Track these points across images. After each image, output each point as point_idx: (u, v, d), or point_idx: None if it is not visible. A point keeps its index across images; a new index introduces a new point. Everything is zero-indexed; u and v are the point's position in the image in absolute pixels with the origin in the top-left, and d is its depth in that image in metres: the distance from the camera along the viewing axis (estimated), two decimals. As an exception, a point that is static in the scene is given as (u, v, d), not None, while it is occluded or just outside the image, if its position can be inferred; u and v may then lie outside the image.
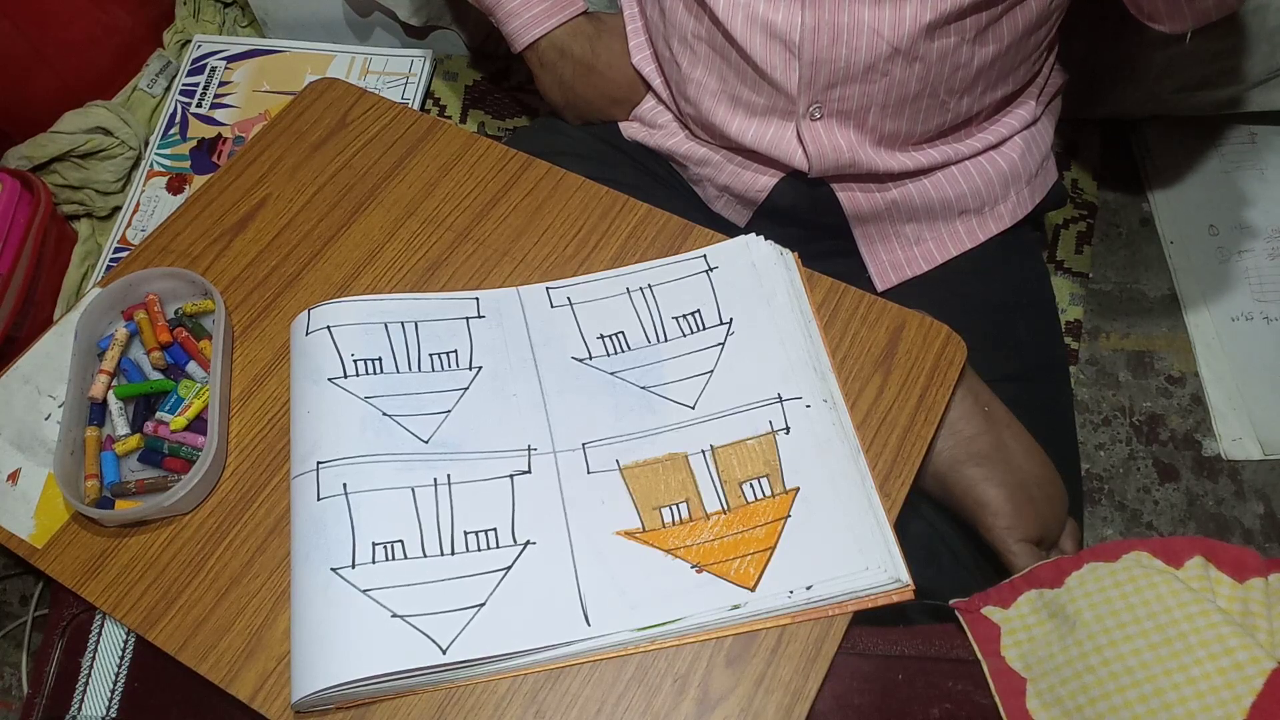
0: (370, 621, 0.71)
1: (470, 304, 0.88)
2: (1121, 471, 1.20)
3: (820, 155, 0.95)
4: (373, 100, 1.04)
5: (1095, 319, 1.30)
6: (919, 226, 1.00)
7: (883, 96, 0.91)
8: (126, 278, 0.89)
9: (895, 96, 0.91)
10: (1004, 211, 1.01)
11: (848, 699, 0.74)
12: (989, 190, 1.00)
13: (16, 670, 0.92)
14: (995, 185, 1.00)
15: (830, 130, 0.94)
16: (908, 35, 0.86)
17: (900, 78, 0.89)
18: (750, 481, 0.78)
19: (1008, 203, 1.01)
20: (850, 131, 0.94)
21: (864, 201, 0.98)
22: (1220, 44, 1.28)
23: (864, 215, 0.99)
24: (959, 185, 0.99)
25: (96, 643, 0.79)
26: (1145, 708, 0.66)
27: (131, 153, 1.17)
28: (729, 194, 1.03)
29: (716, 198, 1.04)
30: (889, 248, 1.01)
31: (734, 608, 0.72)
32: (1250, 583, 0.70)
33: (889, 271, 1.02)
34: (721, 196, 1.04)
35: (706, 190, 1.05)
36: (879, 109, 0.92)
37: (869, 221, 1.00)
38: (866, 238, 1.00)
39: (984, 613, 0.76)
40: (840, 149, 0.94)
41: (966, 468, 0.85)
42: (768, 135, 0.97)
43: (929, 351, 0.85)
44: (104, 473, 0.81)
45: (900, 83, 0.90)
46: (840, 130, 0.94)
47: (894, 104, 0.92)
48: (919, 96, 0.91)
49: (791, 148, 0.96)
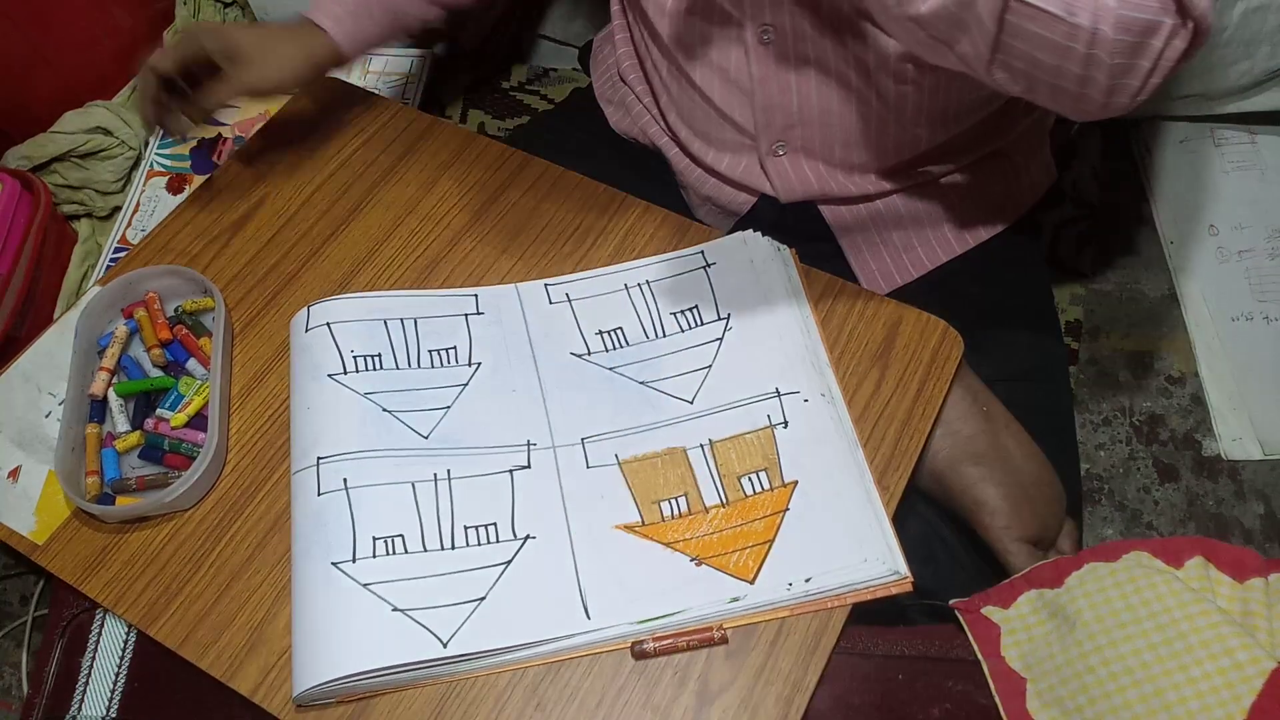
0: (371, 615, 0.71)
1: (469, 300, 0.88)
2: (1121, 471, 1.19)
3: (789, 189, 0.95)
4: (371, 99, 1.05)
5: (1095, 319, 1.30)
6: (906, 234, 0.99)
7: (843, 135, 0.90)
8: (126, 276, 0.89)
9: (857, 134, 0.90)
10: (996, 216, 1.01)
11: (848, 699, 0.74)
12: (979, 197, 0.99)
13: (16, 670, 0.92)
14: (985, 193, 0.99)
15: (797, 164, 0.94)
16: (855, 80, 0.85)
17: (857, 117, 0.89)
18: (749, 475, 0.78)
19: (1000, 206, 1.01)
20: (818, 164, 0.94)
21: (847, 214, 0.97)
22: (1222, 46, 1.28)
23: (849, 226, 0.98)
24: (946, 196, 0.98)
25: (96, 643, 0.79)
26: (1145, 708, 0.66)
27: (131, 153, 1.17)
28: (711, 204, 1.03)
29: (699, 205, 1.05)
30: (877, 256, 1.00)
31: (733, 600, 0.72)
32: (1250, 583, 0.70)
33: (879, 280, 1.01)
34: (704, 205, 1.04)
35: (690, 197, 1.06)
36: (842, 145, 0.91)
37: (854, 231, 0.99)
38: (854, 247, 1.00)
39: (984, 613, 0.76)
40: (809, 181, 0.94)
41: (964, 467, 0.85)
42: (740, 167, 0.97)
43: (926, 346, 0.85)
44: (104, 469, 0.82)
45: (859, 121, 0.89)
46: (807, 164, 0.94)
47: (856, 140, 0.91)
48: (883, 133, 0.90)
49: (762, 180, 0.96)
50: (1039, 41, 0.65)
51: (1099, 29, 0.63)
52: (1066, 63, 0.66)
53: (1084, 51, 0.65)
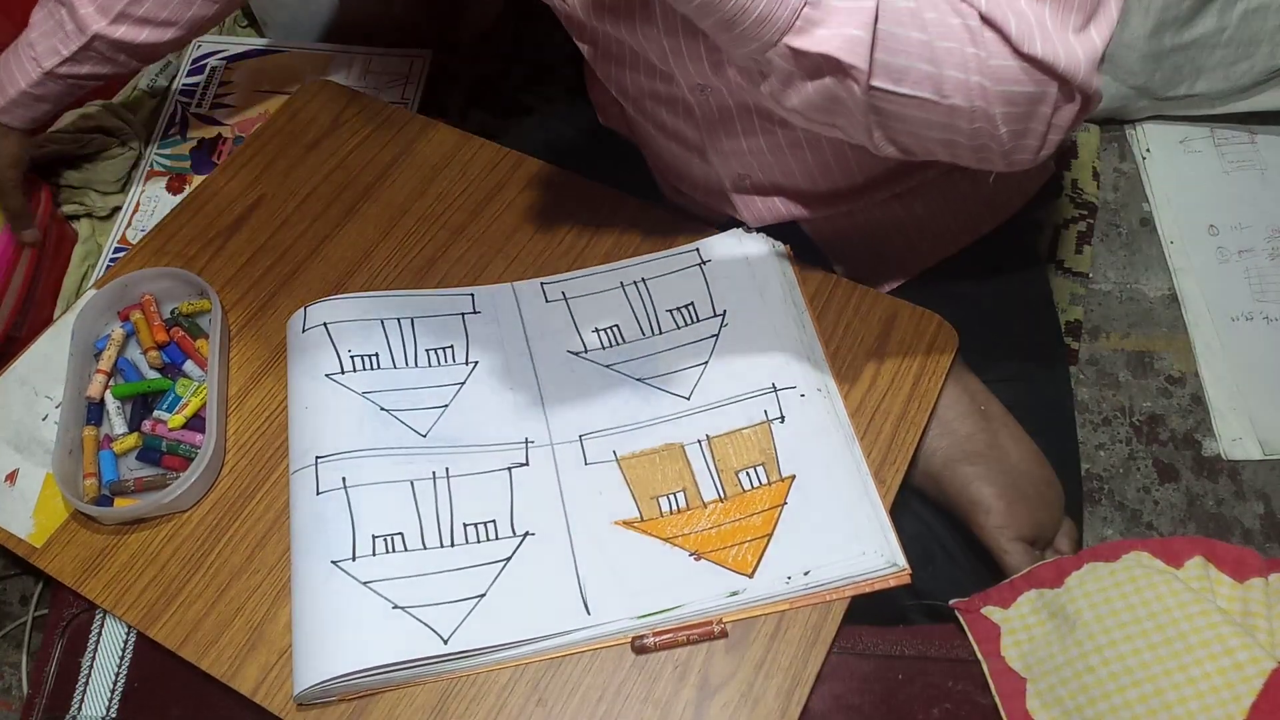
0: (371, 613, 0.71)
1: (465, 300, 0.89)
2: (1121, 471, 1.19)
3: (757, 217, 0.95)
4: (366, 101, 1.05)
5: (1095, 319, 1.30)
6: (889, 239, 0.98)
7: (801, 167, 0.90)
8: (122, 278, 0.89)
9: (814, 165, 0.90)
10: (986, 216, 1.00)
11: (848, 699, 0.74)
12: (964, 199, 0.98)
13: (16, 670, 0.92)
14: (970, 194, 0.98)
15: (767, 198, 0.94)
16: None
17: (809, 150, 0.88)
18: (746, 470, 0.78)
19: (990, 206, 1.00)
20: (787, 196, 0.94)
21: (826, 226, 0.97)
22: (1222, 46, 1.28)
23: (828, 236, 0.98)
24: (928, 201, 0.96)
25: (96, 643, 0.79)
26: (1145, 708, 0.66)
27: (131, 153, 1.17)
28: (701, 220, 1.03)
29: None
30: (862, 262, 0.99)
31: (732, 594, 0.73)
32: (1250, 583, 0.70)
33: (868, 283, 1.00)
34: None
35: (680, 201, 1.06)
36: (804, 176, 0.91)
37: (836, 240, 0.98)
38: (838, 255, 0.99)
39: (984, 613, 0.76)
40: (779, 211, 0.94)
41: (961, 466, 0.84)
42: (710, 197, 0.98)
43: (921, 340, 0.86)
44: (102, 471, 0.82)
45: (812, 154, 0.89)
46: (776, 196, 0.94)
47: (818, 170, 0.90)
48: (841, 158, 0.89)
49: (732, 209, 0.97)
50: (921, 122, 0.66)
51: (977, 106, 0.64)
52: (953, 135, 0.67)
53: (968, 126, 0.65)
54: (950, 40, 0.62)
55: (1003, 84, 0.63)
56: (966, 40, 0.62)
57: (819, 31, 0.61)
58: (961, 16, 0.62)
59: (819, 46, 0.62)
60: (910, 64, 0.63)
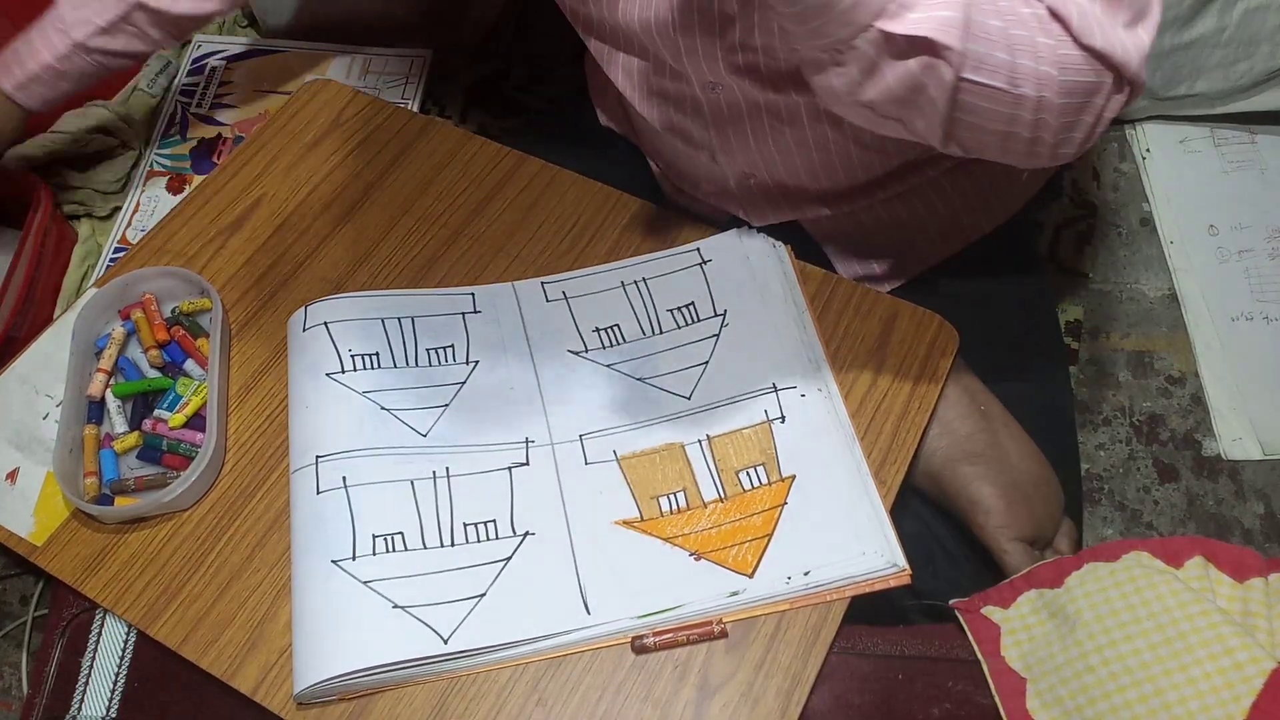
0: (372, 612, 0.71)
1: (466, 299, 0.89)
2: (1121, 471, 1.19)
3: (760, 215, 0.95)
4: (366, 100, 1.05)
5: (1095, 319, 1.30)
6: (890, 239, 0.98)
7: (806, 166, 0.90)
8: (123, 277, 0.89)
9: (818, 164, 0.90)
10: (985, 216, 1.00)
11: (848, 699, 0.74)
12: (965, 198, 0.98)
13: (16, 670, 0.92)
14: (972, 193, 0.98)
15: (771, 197, 0.94)
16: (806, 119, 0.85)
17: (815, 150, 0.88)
18: (746, 470, 0.79)
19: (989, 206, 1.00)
20: (790, 195, 0.94)
21: (827, 224, 0.97)
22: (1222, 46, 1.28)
23: (829, 234, 0.98)
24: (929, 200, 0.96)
25: (96, 642, 0.79)
26: (1145, 708, 0.65)
27: (131, 153, 1.17)
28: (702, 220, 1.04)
29: None
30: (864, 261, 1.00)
31: (732, 594, 0.73)
32: (1250, 583, 0.70)
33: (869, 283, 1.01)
34: None
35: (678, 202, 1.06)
36: (807, 174, 0.91)
37: (837, 239, 0.98)
38: (839, 254, 0.99)
39: (984, 613, 0.76)
40: (782, 209, 0.95)
41: (961, 466, 0.84)
42: (712, 195, 0.98)
43: (922, 340, 0.86)
44: (103, 470, 0.82)
45: (818, 153, 0.89)
46: (780, 195, 0.94)
47: (823, 170, 0.90)
48: (845, 158, 0.89)
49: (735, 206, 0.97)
50: (989, 114, 0.66)
51: (1044, 96, 0.64)
52: (1015, 128, 0.67)
53: (1031, 118, 0.65)
54: (1022, 29, 0.62)
55: (1068, 73, 0.63)
56: (1037, 29, 0.63)
57: (911, 15, 0.61)
58: (1030, 7, 0.63)
59: (913, 29, 0.61)
60: (990, 51, 0.62)
